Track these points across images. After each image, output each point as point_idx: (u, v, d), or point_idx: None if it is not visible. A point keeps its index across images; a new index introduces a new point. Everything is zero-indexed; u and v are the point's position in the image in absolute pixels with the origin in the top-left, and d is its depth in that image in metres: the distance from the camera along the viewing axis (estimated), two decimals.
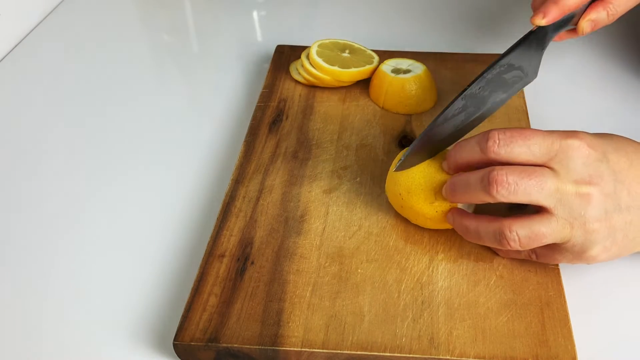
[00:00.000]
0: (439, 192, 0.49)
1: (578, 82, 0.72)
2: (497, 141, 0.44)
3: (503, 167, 0.44)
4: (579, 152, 0.44)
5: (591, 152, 0.44)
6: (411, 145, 0.49)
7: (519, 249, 0.45)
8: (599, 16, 0.56)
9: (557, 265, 0.49)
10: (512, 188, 0.43)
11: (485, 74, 0.50)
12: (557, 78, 0.72)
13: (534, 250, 0.47)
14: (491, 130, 0.45)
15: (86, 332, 0.49)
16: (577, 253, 0.45)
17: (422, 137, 0.49)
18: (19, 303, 0.51)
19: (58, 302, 0.51)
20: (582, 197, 0.43)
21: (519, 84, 0.53)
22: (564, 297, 0.47)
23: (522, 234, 0.44)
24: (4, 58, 0.80)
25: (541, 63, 0.57)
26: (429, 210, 0.49)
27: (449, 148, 0.50)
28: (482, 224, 0.47)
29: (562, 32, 0.58)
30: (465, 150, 0.47)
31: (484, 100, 0.51)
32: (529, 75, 0.54)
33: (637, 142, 0.47)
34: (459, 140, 0.49)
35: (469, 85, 0.49)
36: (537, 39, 0.54)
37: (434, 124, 0.49)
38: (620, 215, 0.44)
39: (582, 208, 0.43)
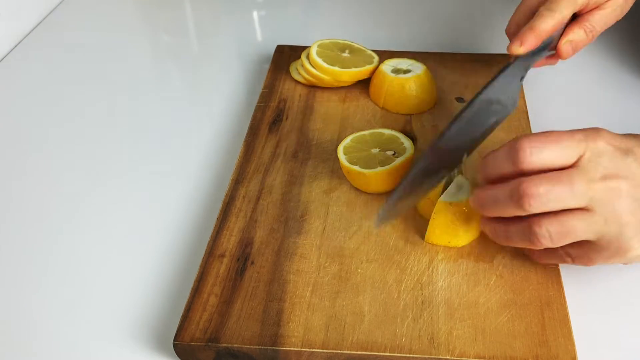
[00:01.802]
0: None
1: (578, 82, 0.72)
2: (529, 150, 0.43)
3: (531, 178, 0.43)
4: (605, 149, 0.43)
5: (616, 147, 0.44)
6: (390, 198, 0.48)
7: (551, 245, 0.44)
8: (577, 36, 0.56)
9: (557, 265, 0.49)
10: (545, 199, 0.42)
11: (463, 114, 0.49)
12: (557, 78, 0.72)
13: (568, 253, 0.46)
14: (519, 139, 0.44)
15: (86, 332, 0.49)
16: (613, 250, 0.44)
17: (398, 191, 0.48)
18: (18, 303, 0.51)
19: (58, 302, 0.51)
20: (613, 191, 0.43)
21: (499, 117, 0.52)
22: (564, 297, 0.47)
23: (553, 230, 0.43)
24: (4, 58, 0.80)
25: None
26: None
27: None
28: (511, 224, 0.46)
29: (542, 59, 0.57)
30: (496, 165, 0.45)
31: (463, 141, 0.50)
32: (508, 107, 0.52)
33: None
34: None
35: (447, 128, 0.48)
36: (515, 69, 0.53)
37: (410, 177, 0.48)
38: None
39: (613, 201, 0.43)
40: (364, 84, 0.68)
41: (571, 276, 0.50)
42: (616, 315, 0.49)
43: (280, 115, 0.65)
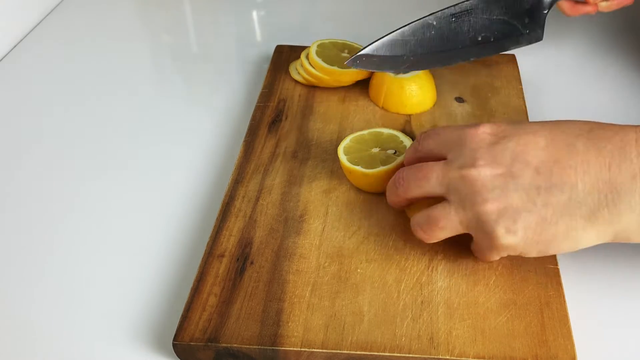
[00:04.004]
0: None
1: (578, 81, 0.72)
2: (419, 139, 0.49)
3: (408, 167, 0.48)
4: (471, 139, 0.45)
5: (485, 137, 0.45)
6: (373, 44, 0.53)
7: (425, 237, 0.47)
8: None
9: (557, 265, 0.49)
10: (407, 184, 0.48)
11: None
12: (557, 77, 0.72)
13: (473, 250, 0.49)
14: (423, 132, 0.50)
15: (85, 332, 0.49)
16: (481, 238, 0.45)
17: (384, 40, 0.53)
18: (17, 303, 0.51)
19: (57, 303, 0.51)
20: (465, 178, 0.44)
21: (510, 41, 0.58)
22: (564, 297, 0.47)
23: (421, 222, 0.47)
24: (3, 58, 0.80)
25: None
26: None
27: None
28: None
29: (578, 6, 0.57)
30: (409, 151, 0.51)
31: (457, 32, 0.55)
32: (528, 35, 0.57)
33: (583, 123, 0.45)
34: None
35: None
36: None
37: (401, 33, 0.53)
38: (522, 194, 0.42)
39: (467, 189, 0.44)
40: (364, 84, 0.67)
41: (571, 276, 0.50)
42: (615, 315, 0.49)
43: (280, 115, 0.65)
